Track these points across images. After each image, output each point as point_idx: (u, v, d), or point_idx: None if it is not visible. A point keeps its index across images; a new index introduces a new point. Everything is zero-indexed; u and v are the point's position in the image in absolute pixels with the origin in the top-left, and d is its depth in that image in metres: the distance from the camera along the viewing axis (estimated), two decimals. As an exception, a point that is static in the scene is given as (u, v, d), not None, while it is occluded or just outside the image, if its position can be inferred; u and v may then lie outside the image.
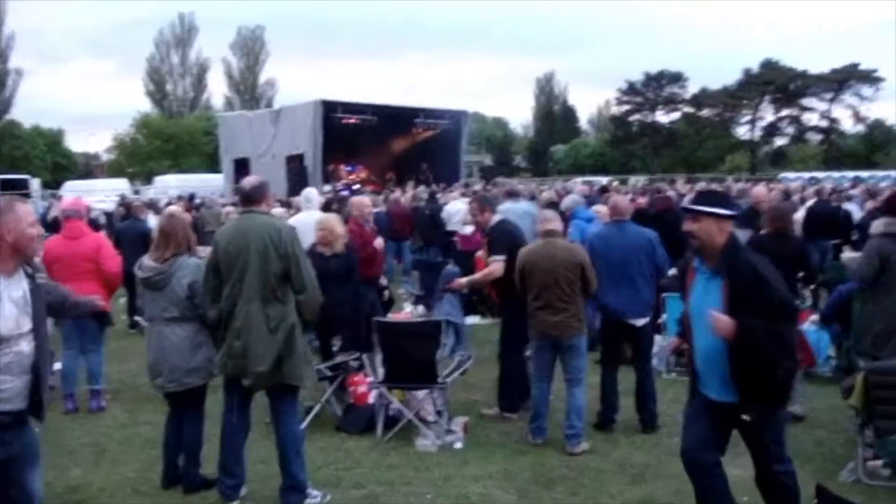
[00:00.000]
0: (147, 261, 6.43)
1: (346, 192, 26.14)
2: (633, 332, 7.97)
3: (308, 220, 10.48)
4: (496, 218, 8.59)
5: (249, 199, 6.07)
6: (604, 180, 46.52)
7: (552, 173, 73.41)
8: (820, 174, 46.53)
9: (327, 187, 27.84)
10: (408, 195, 20.99)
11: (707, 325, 4.64)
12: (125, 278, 9.18)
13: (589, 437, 7.49)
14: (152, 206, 20.49)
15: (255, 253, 5.80)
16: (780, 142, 75.60)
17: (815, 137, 73.90)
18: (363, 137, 32.87)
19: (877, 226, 7.11)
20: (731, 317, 4.53)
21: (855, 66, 68.93)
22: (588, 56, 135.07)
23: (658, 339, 9.30)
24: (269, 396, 6.13)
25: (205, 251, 7.44)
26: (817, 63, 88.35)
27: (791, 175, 48.75)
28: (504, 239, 8.25)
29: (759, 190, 12.32)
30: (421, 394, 7.92)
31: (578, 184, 39.91)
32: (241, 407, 6.10)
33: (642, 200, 15.82)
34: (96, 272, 8.56)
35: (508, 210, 11.92)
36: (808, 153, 71.59)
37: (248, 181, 6.18)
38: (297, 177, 29.85)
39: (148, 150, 67.34)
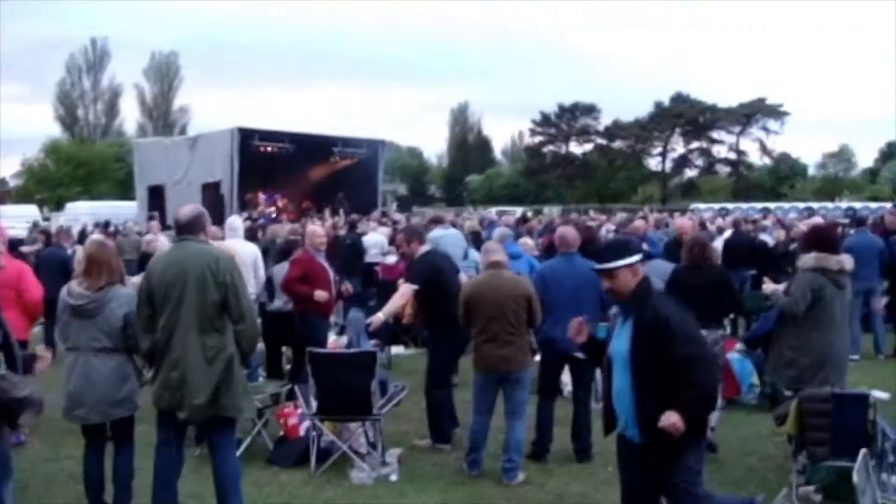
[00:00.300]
0: (77, 288, 6.21)
1: (262, 221, 25.93)
2: (575, 364, 7.97)
3: (233, 248, 10.33)
4: (424, 248, 8.54)
5: (186, 228, 5.92)
6: (518, 210, 47.09)
7: (467, 203, 73.89)
8: (730, 205, 47.61)
9: (244, 215, 27.56)
10: (327, 224, 20.82)
11: (622, 367, 4.74)
12: (46, 306, 8.86)
13: (523, 467, 7.44)
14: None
15: (192, 282, 5.66)
16: (690, 173, 77.48)
17: (724, 169, 75.90)
18: (280, 165, 32.53)
19: (806, 260, 7.16)
20: (634, 357, 4.64)
21: (762, 100, 71.17)
22: (501, 86, 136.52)
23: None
24: (205, 429, 5.97)
25: (131, 281, 7.25)
26: (726, 97, 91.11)
27: (702, 206, 49.86)
28: (422, 268, 8.24)
29: (683, 222, 12.49)
30: (354, 426, 7.80)
31: (493, 213, 40.45)
32: (175, 440, 5.92)
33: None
34: (17, 300, 8.26)
35: (441, 238, 11.90)
36: (718, 185, 73.50)
37: (186, 211, 6.03)
38: (214, 205, 29.37)
39: (57, 176, 65.67)
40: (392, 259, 17.15)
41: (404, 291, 8.21)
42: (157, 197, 32.85)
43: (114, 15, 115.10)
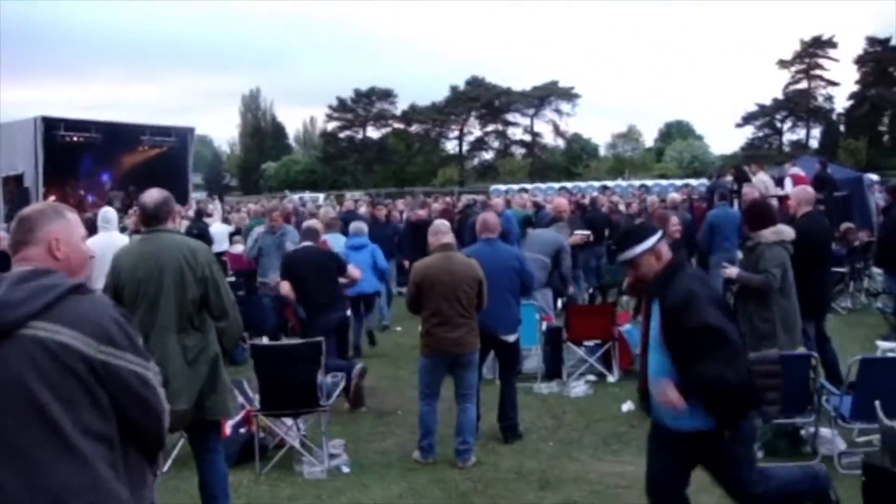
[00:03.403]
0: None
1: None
2: (502, 347, 8.02)
3: (107, 242, 9.74)
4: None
5: (155, 217, 5.48)
6: (320, 197, 46.78)
7: (264, 190, 72.68)
8: (528, 185, 49.00)
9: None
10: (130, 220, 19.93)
11: (654, 351, 4.62)
12: None
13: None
14: None
15: (169, 278, 5.24)
16: (487, 156, 79.34)
17: (519, 151, 78.14)
18: (87, 156, 30.99)
19: (767, 235, 7.48)
20: (665, 337, 4.49)
21: (554, 83, 73.79)
22: (293, 73, 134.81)
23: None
24: (189, 434, 5.60)
25: None
26: (520, 80, 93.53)
27: (502, 187, 51.05)
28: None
29: (560, 200, 12.83)
30: (289, 420, 7.56)
31: (295, 199, 39.99)
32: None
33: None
34: None
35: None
36: (515, 166, 75.54)
37: (150, 196, 5.50)
38: (17, 199, 27.68)
39: None
40: (239, 248, 16.77)
41: None
42: (-48, 191, 30.61)
43: None
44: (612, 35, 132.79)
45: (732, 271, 7.79)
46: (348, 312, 10.06)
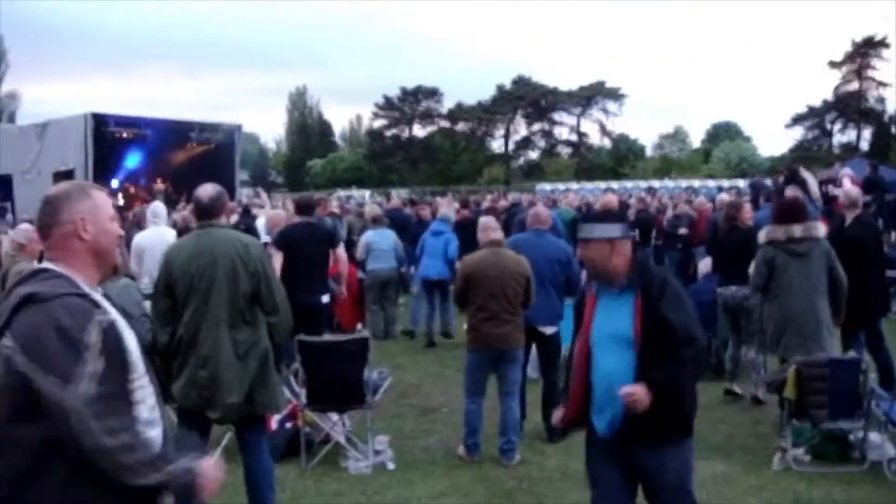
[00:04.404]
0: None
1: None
2: (542, 341, 8.02)
3: (157, 236, 9.90)
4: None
5: (208, 211, 5.56)
6: (367, 193, 46.99)
7: (310, 188, 73.11)
8: (574, 185, 48.81)
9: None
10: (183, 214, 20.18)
11: (614, 349, 4.28)
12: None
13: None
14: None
15: (222, 272, 5.31)
16: (532, 155, 79.18)
17: (565, 150, 77.90)
18: (137, 152, 31.37)
19: (759, 235, 7.61)
20: (641, 331, 4.19)
21: (601, 83, 73.45)
22: (339, 71, 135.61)
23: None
24: (236, 427, 5.67)
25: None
26: (566, 80, 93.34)
27: (547, 187, 50.98)
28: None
29: (610, 198, 12.87)
30: (335, 416, 7.62)
31: (342, 196, 40.24)
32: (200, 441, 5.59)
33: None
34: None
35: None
36: (561, 166, 75.32)
37: (205, 191, 5.59)
38: (68, 194, 28.16)
39: None
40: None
41: None
42: (4, 187, 31.14)
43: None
44: (660, 35, 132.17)
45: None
46: (325, 298, 9.72)
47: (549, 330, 7.95)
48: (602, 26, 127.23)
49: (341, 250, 10.01)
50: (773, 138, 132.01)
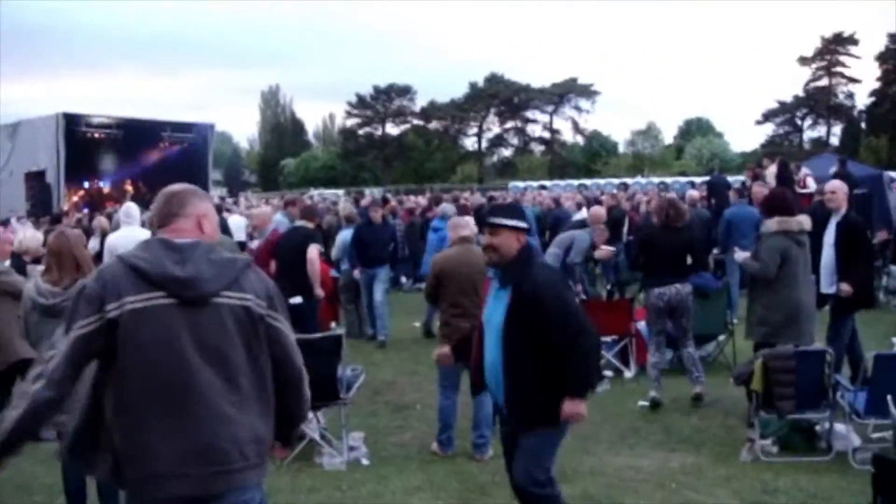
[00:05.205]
0: (45, 285, 5.83)
1: (86, 209, 25.05)
2: None
3: (129, 236, 9.89)
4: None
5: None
6: (340, 192, 46.94)
7: (283, 187, 72.92)
8: (547, 182, 48.93)
9: (66, 205, 26.50)
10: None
11: (495, 337, 4.72)
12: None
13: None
14: None
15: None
16: (506, 152, 79.30)
17: (538, 148, 78.08)
18: (108, 152, 31.25)
19: (769, 225, 7.66)
20: (509, 329, 4.62)
21: (574, 80, 73.70)
22: (311, 69, 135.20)
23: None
24: None
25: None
26: (539, 77, 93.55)
27: (520, 184, 51.07)
28: None
29: (599, 210, 12.92)
30: (309, 413, 7.66)
31: (315, 196, 40.17)
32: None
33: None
34: None
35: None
36: (535, 163, 75.49)
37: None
38: (39, 194, 28.03)
39: None
40: (256, 243, 16.87)
41: None
42: (-26, 188, 30.97)
43: None
44: (632, 32, 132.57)
45: (740, 255, 7.97)
46: (296, 300, 9.69)
47: None
48: (574, 23, 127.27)
49: (312, 251, 10.04)
50: (744, 134, 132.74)
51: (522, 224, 4.82)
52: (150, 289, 3.10)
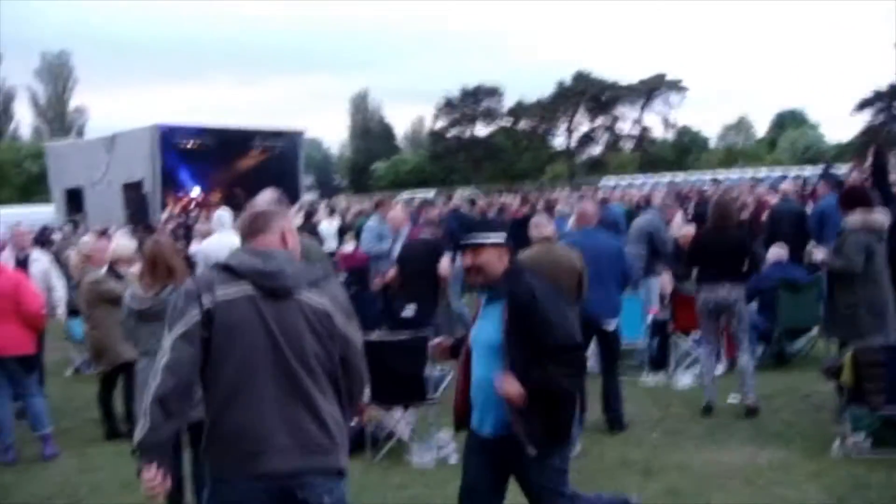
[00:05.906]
0: (139, 290, 6.12)
1: (182, 218, 25.70)
2: (602, 336, 8.13)
3: (222, 243, 10.15)
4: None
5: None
6: (431, 193, 47.20)
7: (373, 190, 73.60)
8: (638, 179, 48.50)
9: (165, 214, 27.23)
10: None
11: (485, 355, 4.50)
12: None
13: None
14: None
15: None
16: (595, 150, 78.62)
17: (628, 145, 77.31)
18: (202, 161, 32.09)
19: (853, 221, 7.51)
20: (509, 343, 4.34)
21: (662, 76, 72.71)
22: (399, 73, 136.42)
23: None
24: None
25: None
26: (627, 74, 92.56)
27: (611, 181, 50.70)
28: None
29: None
30: (398, 412, 7.82)
31: (404, 198, 40.55)
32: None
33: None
34: (15, 312, 8.05)
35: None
36: (625, 160, 74.80)
37: (263, 199, 5.88)
38: (136, 204, 28.95)
39: (-49, 183, 63.17)
40: (349, 247, 17.14)
41: None
42: (75, 199, 32.15)
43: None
44: (719, 25, 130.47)
45: (819, 253, 7.80)
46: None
47: (610, 325, 8.04)
48: (661, 18, 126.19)
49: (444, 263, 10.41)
50: (840, 124, 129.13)
51: (501, 240, 4.59)
52: (238, 281, 3.42)
